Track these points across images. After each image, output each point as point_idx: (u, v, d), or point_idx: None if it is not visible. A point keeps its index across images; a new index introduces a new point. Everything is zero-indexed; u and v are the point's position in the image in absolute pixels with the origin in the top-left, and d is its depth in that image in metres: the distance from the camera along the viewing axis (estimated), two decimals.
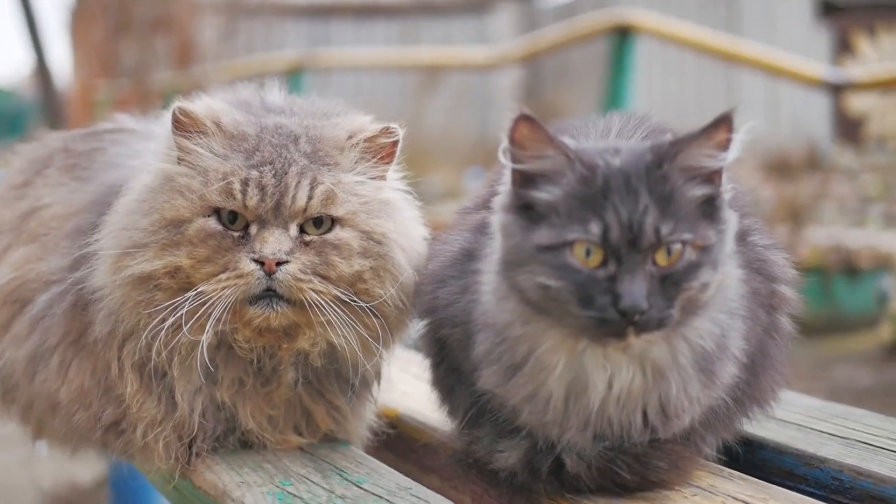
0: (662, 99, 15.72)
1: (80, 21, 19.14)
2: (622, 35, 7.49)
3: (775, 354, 1.93)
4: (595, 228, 1.57)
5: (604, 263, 1.58)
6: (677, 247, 1.58)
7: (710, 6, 17.21)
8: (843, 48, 16.90)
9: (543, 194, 1.63)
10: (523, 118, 1.61)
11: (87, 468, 5.04)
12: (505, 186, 1.70)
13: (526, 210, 1.65)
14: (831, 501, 1.87)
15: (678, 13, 12.79)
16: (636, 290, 1.55)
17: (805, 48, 15.28)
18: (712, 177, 1.65)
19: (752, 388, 1.91)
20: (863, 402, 2.41)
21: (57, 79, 16.15)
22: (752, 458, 2.04)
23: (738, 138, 1.64)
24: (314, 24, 18.39)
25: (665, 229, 1.57)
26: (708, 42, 8.01)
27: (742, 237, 1.86)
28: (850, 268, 7.87)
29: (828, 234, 9.22)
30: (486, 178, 2.09)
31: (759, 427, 2.07)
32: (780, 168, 12.71)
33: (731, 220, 1.67)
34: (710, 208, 1.64)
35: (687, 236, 1.59)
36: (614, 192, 1.59)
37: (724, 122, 1.61)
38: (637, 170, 1.61)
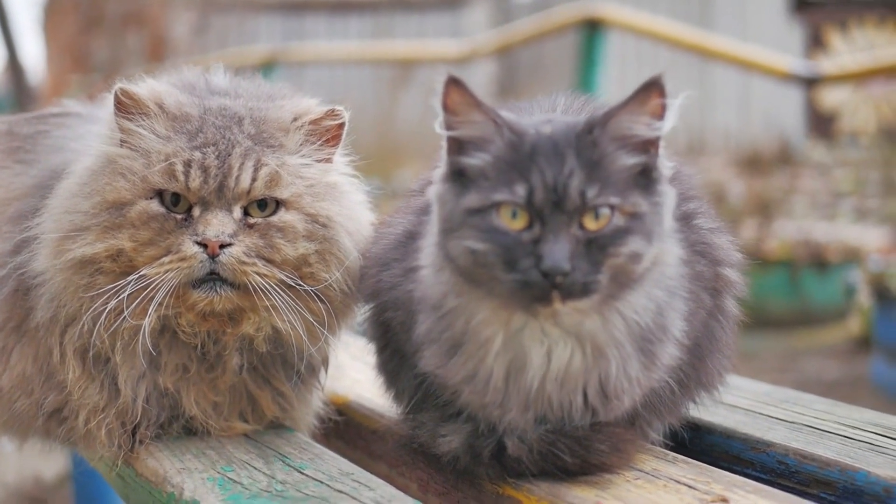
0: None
1: (52, 16, 19.05)
2: (592, 28, 7.51)
3: (721, 338, 1.93)
4: (520, 190, 1.57)
5: (529, 226, 1.57)
6: (605, 211, 1.57)
7: (682, 1, 17.25)
8: (816, 43, 17.00)
9: (473, 160, 1.63)
10: (452, 82, 1.61)
11: (52, 464, 5.01)
12: (442, 157, 1.70)
13: (459, 178, 1.65)
14: (776, 485, 1.85)
15: (650, 7, 12.81)
16: (558, 251, 1.54)
17: (778, 43, 15.32)
18: (647, 146, 1.64)
19: (699, 372, 1.90)
20: (831, 394, 2.40)
21: (29, 74, 16.04)
22: (699, 443, 2.04)
23: (673, 107, 1.63)
24: (288, 18, 18.34)
25: (591, 192, 1.57)
26: (679, 36, 8.04)
27: (686, 220, 1.85)
28: (818, 261, 7.88)
29: (797, 227, 9.25)
30: (431, 162, 2.08)
31: (708, 412, 2.06)
32: (751, 162, 12.78)
33: (667, 194, 1.66)
34: (645, 179, 1.63)
35: (614, 200, 1.58)
36: (541, 157, 1.59)
37: (652, 87, 1.61)
38: (566, 137, 1.61)
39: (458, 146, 1.66)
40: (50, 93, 17.64)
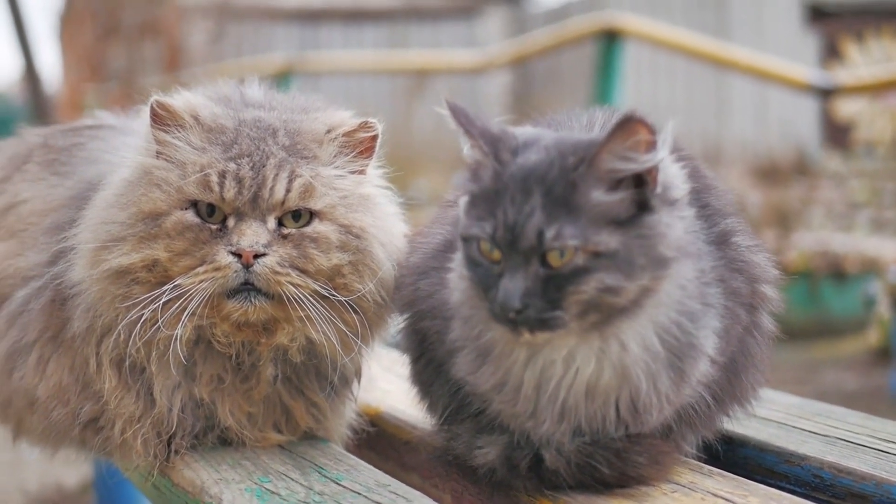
0: (652, 103, 15.72)
1: (68, 25, 19.13)
2: (610, 39, 7.51)
3: (756, 353, 1.93)
4: (488, 227, 1.60)
5: (501, 260, 1.61)
6: (569, 250, 1.57)
7: (699, 11, 17.24)
8: (832, 53, 16.96)
9: (472, 186, 1.68)
10: (452, 107, 1.67)
11: (73, 471, 5.02)
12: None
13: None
14: (812, 499, 1.86)
15: (667, 17, 12.81)
16: (511, 288, 1.57)
17: (793, 53, 15.30)
18: (640, 179, 1.61)
19: (733, 387, 1.90)
20: (850, 405, 2.39)
21: (46, 83, 16.10)
22: (732, 456, 2.04)
23: (664, 137, 1.61)
24: (303, 28, 18.40)
25: (549, 233, 1.56)
26: (696, 46, 8.04)
27: (724, 238, 1.85)
28: (837, 272, 7.88)
29: (815, 238, 9.23)
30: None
31: (741, 425, 2.06)
32: (768, 173, 12.75)
33: (668, 221, 1.63)
34: (638, 209, 1.61)
35: (572, 242, 1.56)
36: (508, 193, 1.60)
37: (627, 124, 1.56)
38: (540, 170, 1.61)
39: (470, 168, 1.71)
40: (66, 102, 17.72)
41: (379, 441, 2.30)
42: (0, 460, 5.31)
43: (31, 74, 15.21)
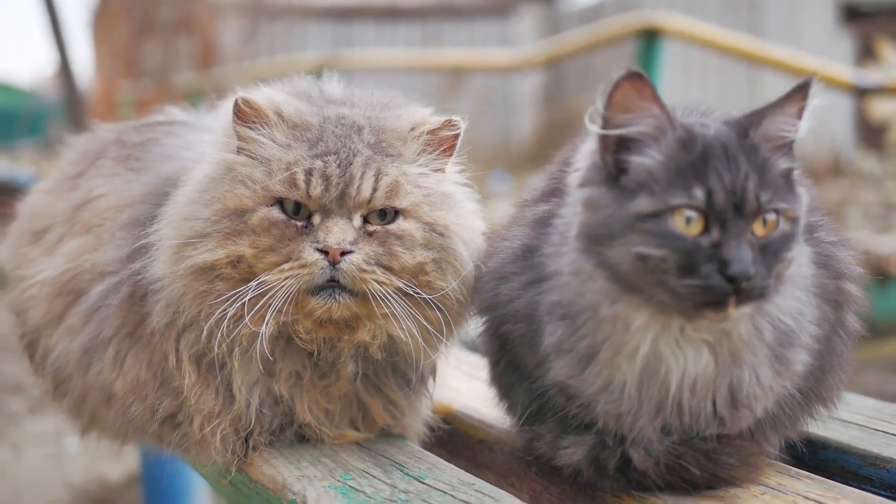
0: (684, 101, 15.68)
1: (102, 21, 19.23)
2: (650, 37, 7.48)
3: (842, 353, 1.91)
4: (699, 194, 1.55)
5: (705, 231, 1.56)
6: (772, 217, 1.58)
7: (733, 10, 17.16)
8: (866, 54, 16.84)
9: (644, 158, 1.61)
10: (633, 75, 1.59)
11: (117, 465, 5.04)
12: (587, 162, 1.68)
13: (615, 181, 1.63)
14: None
15: (701, 18, 12.74)
16: (743, 255, 1.54)
17: (828, 53, 15.19)
18: (789, 148, 1.64)
19: (819, 386, 1.88)
20: None
21: (80, 79, 16.19)
22: (814, 458, 2.02)
23: (811, 106, 1.63)
24: (336, 25, 18.42)
25: (764, 197, 1.56)
26: (735, 44, 8.01)
27: (809, 232, 1.83)
28: (879, 274, 7.80)
29: (855, 240, 9.14)
30: (544, 172, 2.07)
31: (821, 427, 2.04)
32: (803, 174, 12.65)
33: (804, 196, 1.66)
34: (788, 182, 1.63)
35: (782, 205, 1.58)
36: (715, 159, 1.57)
37: (802, 90, 1.62)
38: (731, 138, 1.60)
39: (619, 145, 1.63)
40: (100, 98, 17.82)
41: (451, 439, 2.29)
42: (44, 454, 5.34)
43: (65, 71, 15.31)
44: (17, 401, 6.23)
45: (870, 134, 16.69)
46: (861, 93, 8.18)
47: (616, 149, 1.63)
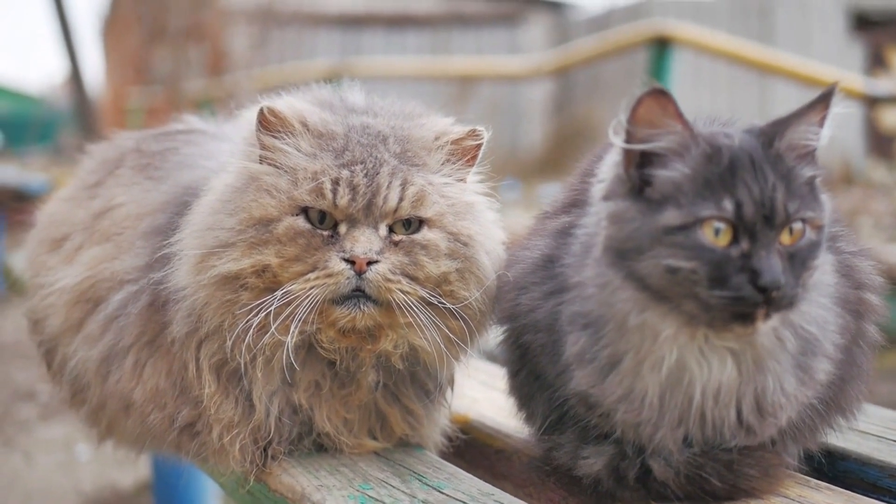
0: (694, 110, 15.66)
1: (113, 29, 19.28)
2: (662, 46, 7.48)
3: (862, 363, 1.90)
4: (728, 205, 1.56)
5: (734, 242, 1.56)
6: (798, 226, 1.58)
7: (743, 18, 17.17)
8: (877, 62, 16.83)
9: (670, 172, 1.61)
10: (657, 92, 1.59)
11: (128, 473, 5.04)
12: (610, 174, 1.68)
13: (639, 193, 1.63)
14: None
15: (711, 26, 12.75)
16: (774, 265, 1.54)
17: (838, 61, 15.21)
18: (812, 156, 1.65)
19: (839, 397, 1.88)
20: None
21: (90, 86, 16.24)
22: (832, 469, 2.01)
23: (833, 114, 1.64)
24: (345, 33, 18.46)
25: (792, 206, 1.57)
26: (746, 53, 8.00)
27: (831, 241, 1.83)
28: (891, 283, 7.78)
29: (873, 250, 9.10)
30: (565, 183, 2.07)
31: (839, 438, 2.03)
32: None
33: (827, 204, 1.66)
34: (813, 190, 1.63)
35: (809, 214, 1.59)
36: (742, 170, 1.58)
37: (826, 99, 1.63)
38: (756, 149, 1.60)
39: (642, 159, 1.64)
40: (110, 105, 17.86)
41: (469, 449, 2.28)
42: (55, 461, 5.34)
43: (75, 77, 15.37)
44: (28, 408, 6.24)
45: (880, 143, 16.68)
46: (871, 102, 8.17)
47: (640, 162, 1.64)
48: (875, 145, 16.90)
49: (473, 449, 2.29)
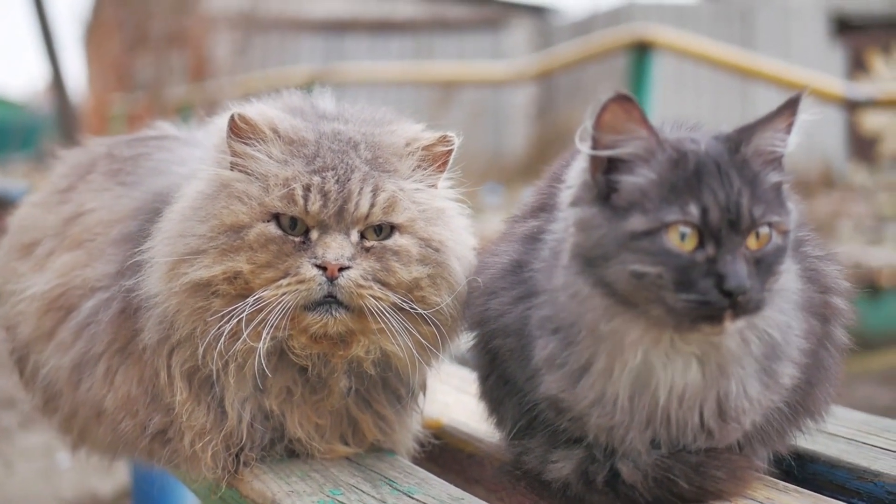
0: (677, 115, 15.69)
1: (95, 35, 19.23)
2: (642, 50, 7.50)
3: (830, 366, 1.92)
4: (694, 210, 1.56)
5: (700, 246, 1.57)
6: (765, 230, 1.59)
7: (725, 22, 17.22)
8: (858, 66, 16.90)
9: (636, 178, 1.61)
10: (621, 98, 1.60)
11: (108, 480, 5.03)
12: (578, 180, 1.68)
13: (606, 199, 1.63)
14: None
15: (693, 30, 12.79)
16: (739, 270, 1.55)
17: (819, 65, 15.25)
18: (779, 162, 1.66)
19: (807, 400, 1.89)
20: None
21: (72, 92, 16.18)
22: (802, 472, 2.03)
23: (800, 121, 1.65)
24: (329, 38, 18.44)
25: (757, 211, 1.58)
26: (727, 58, 8.02)
27: (796, 246, 1.84)
28: (870, 286, 7.80)
29: (847, 252, 9.16)
30: (534, 187, 2.08)
31: (809, 440, 2.05)
32: (794, 186, 12.67)
33: (793, 209, 1.67)
34: (779, 195, 1.64)
35: (775, 218, 1.59)
36: (708, 175, 1.58)
37: (792, 106, 1.64)
38: (722, 154, 1.61)
39: (609, 165, 1.64)
40: (92, 111, 17.79)
41: (442, 454, 2.29)
42: (35, 469, 5.32)
43: (57, 84, 15.31)
44: (9, 415, 6.21)
45: (861, 146, 16.74)
46: (852, 105, 8.20)
47: (606, 168, 1.64)
48: (856, 149, 16.96)
49: (446, 454, 2.29)
